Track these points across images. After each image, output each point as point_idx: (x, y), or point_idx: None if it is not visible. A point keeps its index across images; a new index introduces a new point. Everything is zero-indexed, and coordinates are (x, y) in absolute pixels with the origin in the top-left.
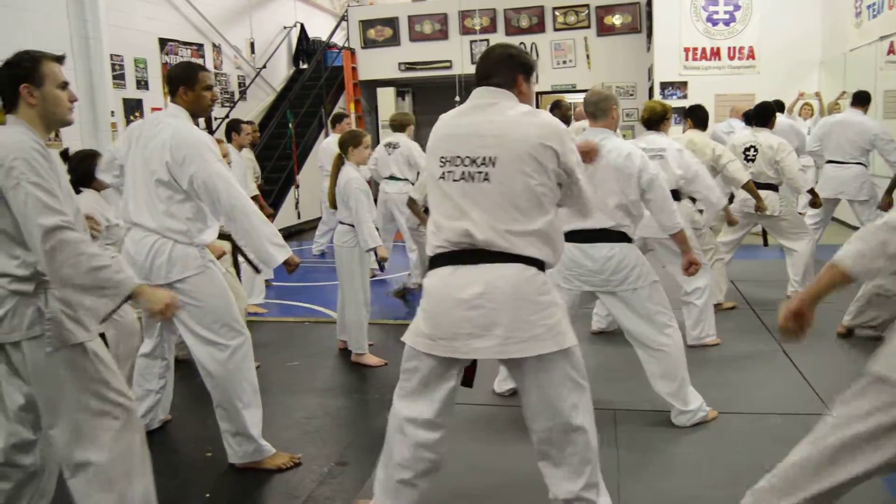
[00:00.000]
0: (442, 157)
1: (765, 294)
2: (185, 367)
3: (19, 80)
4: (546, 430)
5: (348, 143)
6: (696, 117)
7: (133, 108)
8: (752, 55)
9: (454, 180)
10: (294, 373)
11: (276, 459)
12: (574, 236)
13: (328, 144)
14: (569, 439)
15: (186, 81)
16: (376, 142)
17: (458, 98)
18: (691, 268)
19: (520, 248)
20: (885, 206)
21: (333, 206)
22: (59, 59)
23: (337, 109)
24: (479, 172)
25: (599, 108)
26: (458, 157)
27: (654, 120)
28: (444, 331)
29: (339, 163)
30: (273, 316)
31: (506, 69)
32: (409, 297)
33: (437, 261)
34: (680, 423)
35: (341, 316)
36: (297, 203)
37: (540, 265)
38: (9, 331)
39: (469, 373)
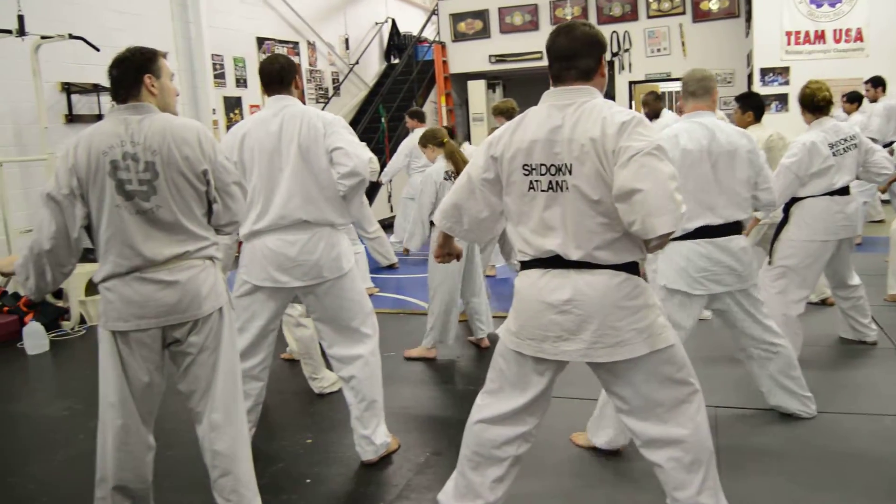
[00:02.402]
0: (526, 166)
1: (873, 291)
2: (292, 362)
3: (144, 71)
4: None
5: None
6: (756, 107)
7: (233, 106)
8: (859, 37)
9: (542, 191)
10: (389, 363)
11: (393, 443)
12: (705, 232)
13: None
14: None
15: (294, 72)
16: (467, 135)
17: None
18: None
19: (605, 259)
20: None
21: None
22: (165, 55)
23: (414, 108)
24: (562, 182)
25: (702, 86)
26: (544, 164)
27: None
28: (533, 331)
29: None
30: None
31: (594, 51)
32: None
33: (527, 263)
34: (809, 414)
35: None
36: (389, 196)
37: (630, 268)
38: None
39: None
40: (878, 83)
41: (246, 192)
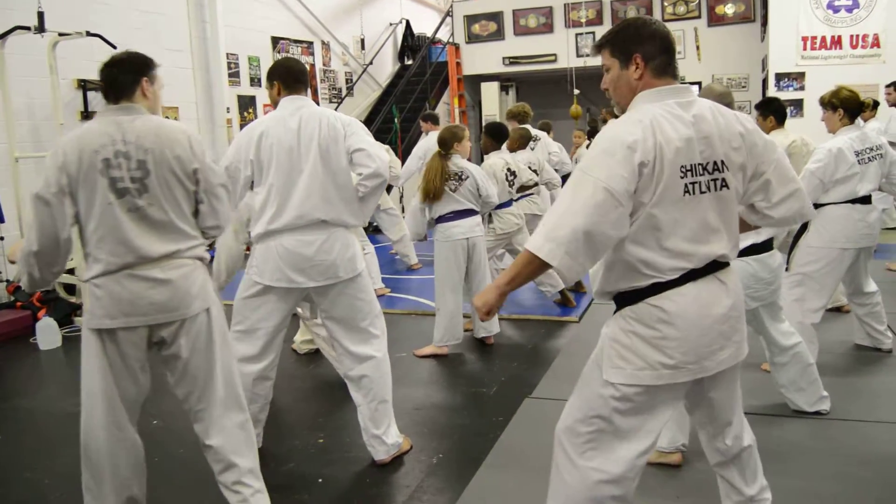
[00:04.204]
0: (683, 167)
1: (889, 298)
2: (304, 359)
3: (143, 74)
4: (733, 438)
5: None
6: (778, 111)
7: (247, 105)
8: (876, 43)
9: (701, 192)
10: (402, 364)
11: (405, 444)
12: (750, 251)
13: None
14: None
15: (307, 74)
16: (478, 136)
17: (577, 90)
18: None
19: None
20: None
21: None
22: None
23: (427, 111)
24: (717, 180)
25: (725, 103)
26: (701, 164)
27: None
28: (698, 354)
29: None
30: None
31: (673, 50)
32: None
33: (671, 282)
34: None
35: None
36: (401, 196)
37: None
38: None
39: None
40: None
41: (230, 194)
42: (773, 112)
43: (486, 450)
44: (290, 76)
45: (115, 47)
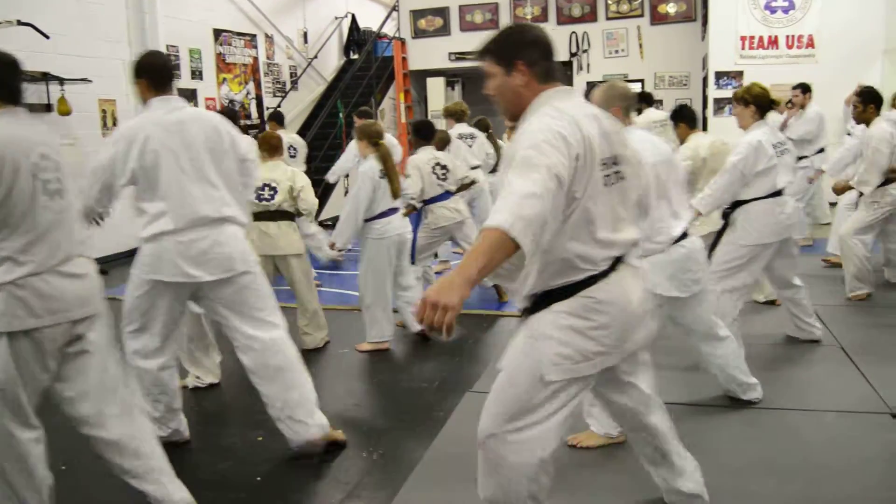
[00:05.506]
0: (602, 160)
1: (820, 291)
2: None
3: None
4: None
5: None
6: (687, 117)
7: (188, 98)
8: (811, 44)
9: (612, 184)
10: (342, 360)
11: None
12: (682, 238)
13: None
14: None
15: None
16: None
17: None
18: None
19: None
20: None
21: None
22: None
23: (362, 108)
24: (618, 172)
25: (625, 105)
26: (609, 158)
27: None
28: (622, 337)
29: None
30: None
31: (553, 55)
32: None
33: (599, 274)
34: (752, 398)
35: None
36: (346, 192)
37: None
38: None
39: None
40: (806, 89)
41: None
42: (683, 119)
43: (426, 445)
44: (159, 74)
45: (48, 37)
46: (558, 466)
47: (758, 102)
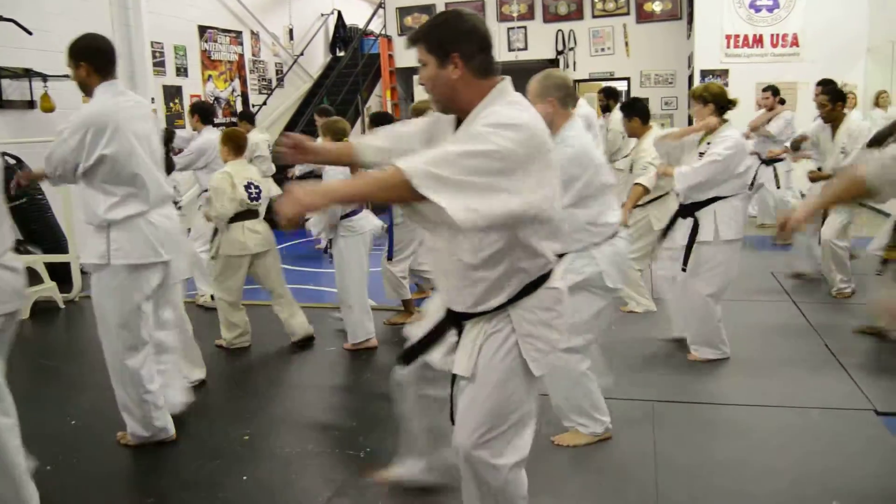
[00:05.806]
0: None
1: (807, 289)
2: (224, 352)
3: None
4: None
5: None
6: (640, 111)
7: (173, 95)
8: (795, 42)
9: None
10: (329, 357)
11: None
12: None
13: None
14: None
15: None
16: None
17: None
18: None
19: None
20: None
21: None
22: None
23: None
24: None
25: (562, 95)
26: None
27: None
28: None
29: None
30: (305, 301)
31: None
32: None
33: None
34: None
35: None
36: None
37: None
38: None
39: None
40: (776, 92)
41: None
42: (636, 113)
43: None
44: (105, 58)
45: (30, 33)
46: (543, 467)
47: (716, 101)
